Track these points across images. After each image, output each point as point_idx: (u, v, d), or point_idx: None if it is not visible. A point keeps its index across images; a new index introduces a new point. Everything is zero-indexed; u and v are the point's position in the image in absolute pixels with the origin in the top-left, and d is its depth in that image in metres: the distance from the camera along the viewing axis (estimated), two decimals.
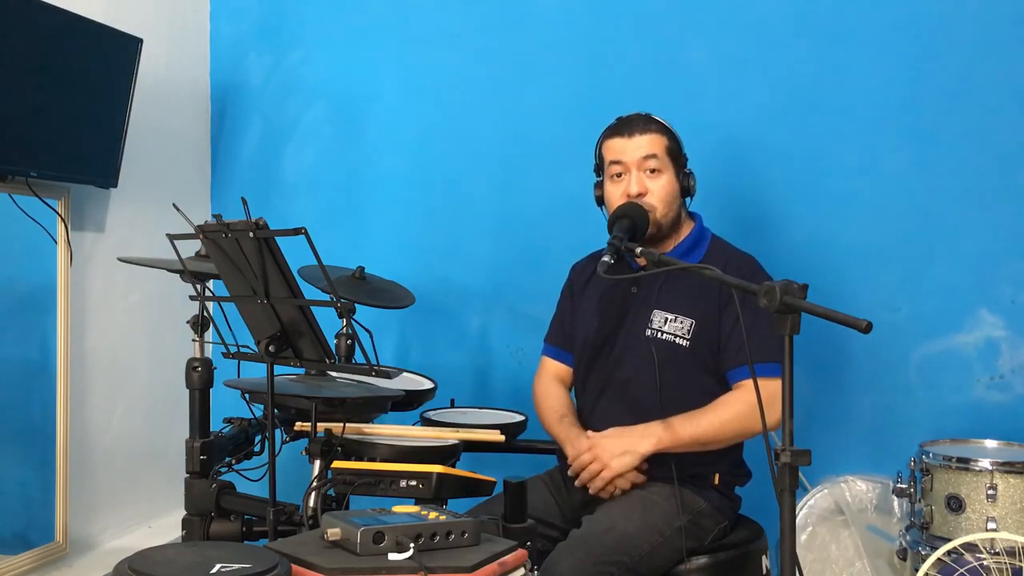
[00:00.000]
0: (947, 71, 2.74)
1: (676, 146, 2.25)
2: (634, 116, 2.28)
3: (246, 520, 2.25)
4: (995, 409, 2.70)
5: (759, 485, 2.19)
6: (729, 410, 2.15)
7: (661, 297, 2.24)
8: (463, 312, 3.27)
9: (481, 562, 1.51)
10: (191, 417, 2.34)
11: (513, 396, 3.09)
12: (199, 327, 2.40)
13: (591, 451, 2.17)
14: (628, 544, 2.02)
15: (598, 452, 2.16)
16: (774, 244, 2.79)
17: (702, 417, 2.14)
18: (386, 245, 3.33)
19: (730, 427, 2.14)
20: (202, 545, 2.06)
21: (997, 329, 2.71)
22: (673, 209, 2.24)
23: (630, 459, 2.13)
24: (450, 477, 2.02)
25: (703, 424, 2.13)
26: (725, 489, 2.24)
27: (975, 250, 2.73)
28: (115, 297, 3.08)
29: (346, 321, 2.40)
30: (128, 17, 3.01)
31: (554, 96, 3.15)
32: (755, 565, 2.20)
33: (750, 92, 2.92)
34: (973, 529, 2.23)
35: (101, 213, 3.01)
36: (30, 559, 2.71)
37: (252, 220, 1.84)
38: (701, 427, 2.13)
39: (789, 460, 1.48)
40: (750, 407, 2.11)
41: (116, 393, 3.09)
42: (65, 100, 2.69)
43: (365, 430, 2.33)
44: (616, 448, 2.15)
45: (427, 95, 3.32)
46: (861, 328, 1.45)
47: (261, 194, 3.48)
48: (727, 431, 2.15)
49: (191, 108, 3.50)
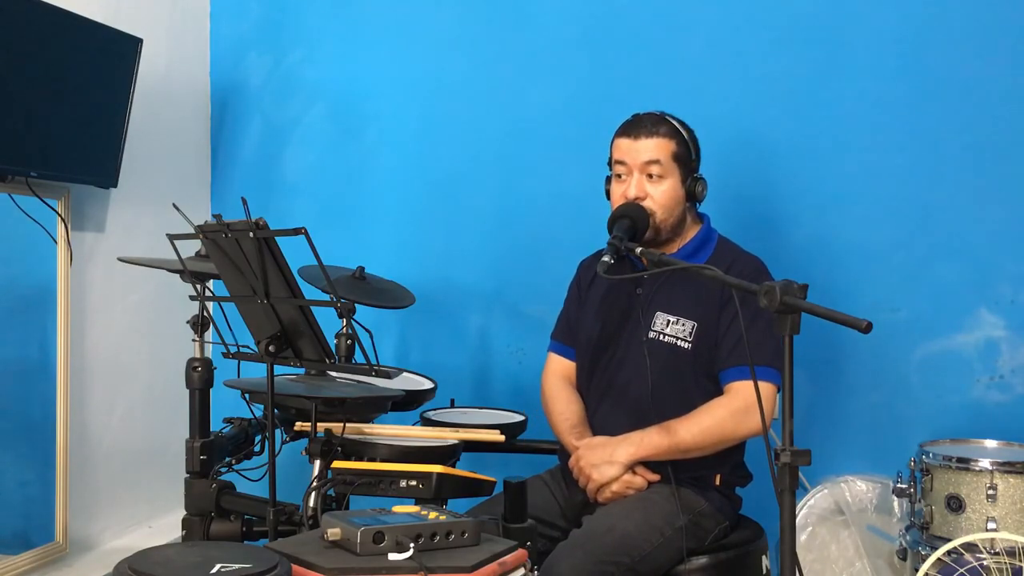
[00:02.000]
0: (948, 71, 2.74)
1: (685, 151, 2.21)
2: (646, 116, 2.24)
3: (246, 520, 2.25)
4: (995, 409, 2.70)
5: (759, 485, 2.19)
6: (710, 417, 2.13)
7: (664, 299, 2.24)
8: (463, 312, 3.27)
9: (481, 562, 1.51)
10: (191, 417, 2.34)
11: (513, 396, 3.09)
12: (199, 327, 2.40)
13: (575, 463, 2.19)
14: (628, 544, 2.02)
15: (581, 465, 2.18)
16: (774, 244, 2.79)
17: (680, 425, 2.13)
18: (386, 245, 3.32)
19: (711, 434, 2.12)
20: (202, 545, 2.06)
21: (997, 329, 2.71)
22: (674, 215, 2.22)
23: (609, 469, 2.14)
24: (450, 477, 2.02)
25: (681, 432, 2.12)
26: (726, 490, 2.24)
27: (975, 250, 2.73)
28: (115, 297, 3.07)
29: (346, 321, 2.41)
30: (128, 17, 3.01)
31: (554, 96, 3.15)
32: (755, 565, 2.20)
33: (750, 92, 2.92)
34: (973, 529, 2.23)
35: (101, 213, 3.01)
36: (30, 559, 2.71)
37: (252, 220, 1.84)
38: (679, 435, 2.12)
39: (789, 460, 1.48)
40: (732, 414, 2.11)
41: (116, 393, 3.09)
42: (65, 100, 2.69)
43: (365, 430, 2.33)
44: (595, 458, 2.16)
45: (427, 95, 3.32)
46: (861, 328, 1.45)
47: (261, 194, 3.47)
48: (708, 438, 2.12)
49: (191, 108, 3.50)
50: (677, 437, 2.12)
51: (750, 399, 2.07)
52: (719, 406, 2.14)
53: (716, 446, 2.15)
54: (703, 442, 2.13)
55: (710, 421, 2.12)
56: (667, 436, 2.12)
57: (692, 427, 2.12)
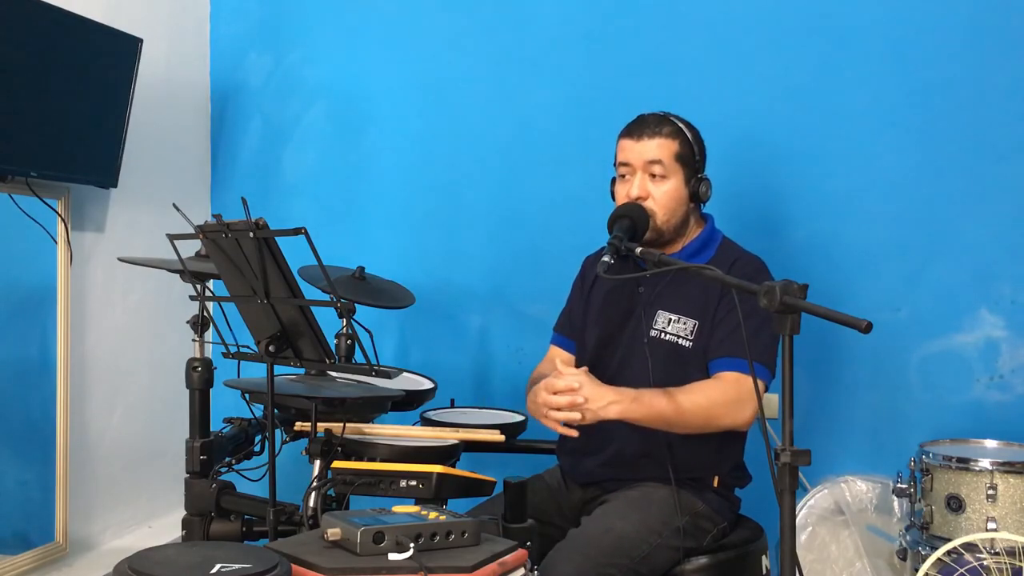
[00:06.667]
0: (948, 71, 2.75)
1: (688, 151, 2.20)
2: (649, 117, 2.23)
3: (246, 520, 2.25)
4: (995, 409, 2.70)
5: (759, 485, 2.18)
6: (705, 397, 2.08)
7: (666, 297, 2.23)
8: (463, 312, 3.27)
9: (481, 562, 1.51)
10: (191, 417, 2.34)
11: (513, 396, 3.09)
12: (199, 327, 2.40)
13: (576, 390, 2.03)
14: (627, 545, 2.01)
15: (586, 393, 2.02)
16: (775, 244, 2.79)
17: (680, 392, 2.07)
18: (386, 245, 3.33)
19: (702, 413, 2.07)
20: (202, 545, 2.06)
21: (997, 329, 2.71)
22: (676, 215, 2.22)
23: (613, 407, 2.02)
24: (450, 477, 2.02)
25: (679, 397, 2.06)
26: (724, 491, 2.24)
27: (975, 250, 2.73)
28: (115, 297, 3.07)
29: (346, 321, 2.41)
30: (128, 17, 3.01)
31: (554, 96, 3.15)
32: (755, 565, 2.19)
33: (750, 92, 2.92)
34: (973, 529, 2.23)
35: (101, 213, 3.01)
36: (30, 559, 2.71)
37: (252, 220, 1.84)
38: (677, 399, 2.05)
39: (789, 460, 1.48)
40: (725, 400, 2.08)
41: (116, 393, 3.09)
42: (65, 100, 2.69)
43: (365, 430, 2.33)
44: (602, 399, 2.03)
45: (427, 95, 3.32)
46: (861, 328, 1.45)
47: (261, 194, 3.48)
48: (698, 417, 2.07)
49: (191, 108, 3.50)
50: (676, 400, 2.06)
51: (743, 391, 2.07)
52: (713, 389, 2.10)
53: (701, 427, 2.10)
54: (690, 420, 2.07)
55: (704, 400, 2.08)
56: (666, 396, 2.06)
57: (684, 401, 2.06)
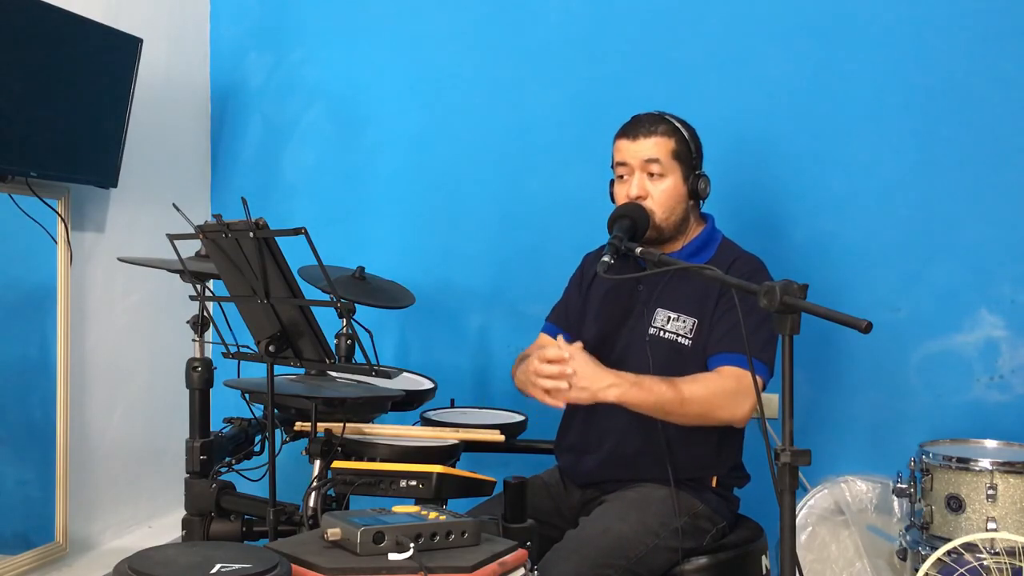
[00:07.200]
0: (948, 71, 2.75)
1: (685, 149, 2.21)
2: (644, 117, 2.25)
3: (246, 520, 2.25)
4: (995, 409, 2.71)
5: (759, 485, 2.18)
6: (705, 388, 2.09)
7: (665, 296, 2.24)
8: (463, 312, 3.27)
9: (481, 562, 1.51)
10: (191, 417, 2.34)
11: (513, 396, 3.05)
12: (199, 327, 2.40)
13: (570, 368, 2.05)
14: (624, 545, 2.01)
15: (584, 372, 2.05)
16: (774, 244, 2.79)
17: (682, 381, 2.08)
18: (386, 245, 3.33)
19: (702, 402, 2.07)
20: (202, 545, 2.06)
21: (997, 329, 2.71)
22: (676, 213, 2.22)
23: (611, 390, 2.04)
24: (450, 477, 2.02)
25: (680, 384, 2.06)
26: (723, 491, 2.24)
27: (975, 250, 2.73)
28: (115, 297, 3.07)
29: (346, 321, 2.41)
30: (128, 17, 3.01)
31: (554, 96, 3.15)
32: (755, 565, 2.19)
33: (750, 92, 2.92)
34: (973, 529, 2.23)
35: (101, 213, 3.01)
36: (30, 559, 2.71)
37: (252, 220, 1.84)
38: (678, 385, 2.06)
39: (789, 460, 1.48)
40: (724, 393, 2.08)
41: (116, 393, 3.09)
42: (65, 100, 2.68)
43: (365, 430, 2.33)
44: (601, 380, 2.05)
45: (427, 95, 3.32)
46: (861, 328, 1.45)
47: (261, 194, 3.47)
48: (695, 406, 2.07)
49: (191, 108, 3.50)
50: (677, 387, 2.06)
51: (742, 386, 2.07)
52: (713, 381, 2.10)
53: (699, 418, 2.09)
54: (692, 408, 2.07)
55: (705, 391, 2.08)
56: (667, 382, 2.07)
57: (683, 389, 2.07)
